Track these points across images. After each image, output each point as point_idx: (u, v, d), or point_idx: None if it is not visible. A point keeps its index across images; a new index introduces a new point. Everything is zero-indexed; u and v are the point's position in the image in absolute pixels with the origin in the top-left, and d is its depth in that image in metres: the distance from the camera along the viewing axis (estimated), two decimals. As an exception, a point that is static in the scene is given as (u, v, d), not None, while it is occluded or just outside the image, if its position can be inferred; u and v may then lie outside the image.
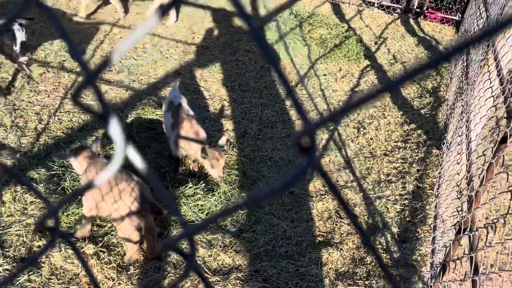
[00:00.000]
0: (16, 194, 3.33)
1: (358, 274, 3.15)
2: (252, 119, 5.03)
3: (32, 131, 4.12)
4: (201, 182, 3.74)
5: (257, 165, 4.25)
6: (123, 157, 0.57)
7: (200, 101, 5.17)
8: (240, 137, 4.66)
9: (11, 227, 3.10)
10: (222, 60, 6.19)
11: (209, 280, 2.94)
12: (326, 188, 4.07)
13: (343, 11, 8.10)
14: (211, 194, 3.63)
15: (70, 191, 3.44)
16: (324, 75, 6.18)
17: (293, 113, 5.29)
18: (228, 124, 4.84)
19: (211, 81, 5.63)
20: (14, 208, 3.23)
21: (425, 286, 2.96)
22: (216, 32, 6.94)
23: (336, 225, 3.64)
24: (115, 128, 0.54)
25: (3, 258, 2.87)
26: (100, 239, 3.15)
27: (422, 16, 8.13)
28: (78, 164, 3.07)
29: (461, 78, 4.50)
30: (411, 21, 8.10)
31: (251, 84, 5.75)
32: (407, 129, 5.04)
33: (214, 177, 3.63)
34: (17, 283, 2.74)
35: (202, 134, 3.73)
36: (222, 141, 3.66)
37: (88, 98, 4.72)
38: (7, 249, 2.96)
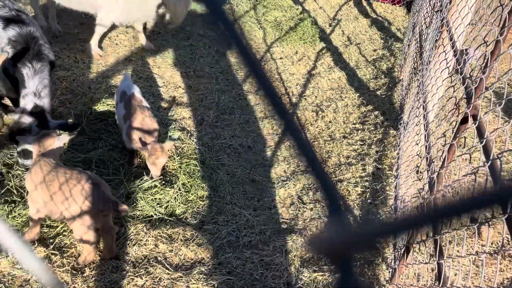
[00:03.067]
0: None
1: (323, 260, 3.14)
2: (209, 105, 4.88)
3: (-32, 127, 3.77)
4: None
5: (216, 153, 4.13)
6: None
7: (153, 89, 4.95)
8: (198, 125, 4.51)
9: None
10: (175, 45, 5.96)
11: (171, 276, 2.83)
12: (288, 174, 4.02)
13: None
14: (169, 186, 3.48)
15: (16, 191, 3.18)
16: (281, 58, 6.10)
17: (250, 98, 5.18)
18: (184, 112, 4.66)
19: (165, 68, 5.41)
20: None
21: (389, 268, 2.99)
22: (167, 16, 6.65)
23: (299, 211, 3.60)
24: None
25: None
26: (51, 240, 2.93)
27: (374, -2, 8.20)
28: (35, 151, 2.84)
29: (415, 58, 4.55)
30: (364, 3, 8.14)
31: (206, 69, 5.57)
32: (365, 111, 5.07)
33: (152, 174, 3.48)
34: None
35: (155, 126, 3.55)
36: (169, 144, 3.49)
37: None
38: None
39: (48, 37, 4.67)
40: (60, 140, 2.84)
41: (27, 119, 3.26)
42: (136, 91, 3.71)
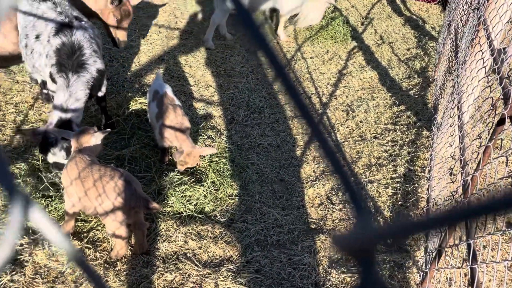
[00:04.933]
0: (-6, 191, 3.19)
1: (351, 261, 3.10)
2: (239, 104, 4.92)
3: (10, 124, 3.95)
4: (188, 172, 3.64)
5: (245, 152, 4.16)
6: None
7: (185, 88, 5.02)
8: (228, 124, 4.55)
9: (-9, 226, 2.96)
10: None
11: (200, 273, 2.87)
12: (317, 174, 4.00)
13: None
14: (199, 184, 3.53)
15: (53, 188, 3.31)
16: (311, 57, 6.07)
17: (280, 97, 5.18)
18: (215, 111, 4.71)
19: (196, 67, 5.48)
20: (-7, 205, 3.09)
21: (420, 272, 2.93)
22: (200, 16, 6.74)
23: (328, 211, 3.58)
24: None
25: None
26: (85, 234, 3.04)
27: (408, -5, 8.02)
28: (73, 147, 2.95)
29: (450, 58, 4.43)
30: (397, 1, 7.98)
31: (237, 68, 5.61)
32: (397, 111, 4.97)
33: (177, 166, 3.57)
34: (0, 284, 2.63)
35: (187, 124, 3.62)
36: (208, 151, 3.61)
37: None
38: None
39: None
40: (96, 138, 2.93)
41: (52, 134, 3.21)
42: (168, 90, 3.78)
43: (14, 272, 2.71)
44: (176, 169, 3.57)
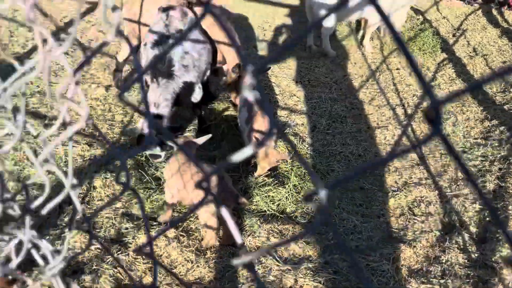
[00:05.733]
0: (105, 180, 3.65)
1: (432, 273, 3.08)
2: (322, 114, 5.05)
3: (119, 123, 4.47)
4: (272, 174, 3.85)
5: (326, 159, 4.28)
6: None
7: (270, 97, 5.28)
8: (310, 132, 4.70)
9: (102, 211, 3.41)
10: (293, 56, 6.25)
11: (281, 268, 3.04)
12: (398, 185, 3.99)
13: (418, 3, 7.80)
14: (281, 186, 3.72)
15: (154, 182, 3.70)
16: (397, 69, 6.02)
17: (364, 108, 5.22)
18: (298, 119, 4.90)
19: (281, 77, 5.72)
20: (104, 193, 3.55)
21: (506, 289, 2.83)
22: (286, 28, 7.01)
23: (409, 222, 3.57)
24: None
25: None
26: (180, 224, 3.36)
27: (506, 6, 7.60)
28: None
29: (551, 70, 4.18)
30: (494, 12, 7.60)
31: (321, 79, 5.75)
32: (488, 126, 4.77)
33: (257, 171, 3.79)
34: (108, 261, 3.02)
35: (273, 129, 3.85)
36: (285, 156, 3.82)
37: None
38: (98, 230, 3.26)
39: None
40: (199, 140, 3.28)
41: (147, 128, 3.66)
42: (258, 97, 4.05)
43: (119, 252, 3.10)
44: (256, 174, 3.80)
